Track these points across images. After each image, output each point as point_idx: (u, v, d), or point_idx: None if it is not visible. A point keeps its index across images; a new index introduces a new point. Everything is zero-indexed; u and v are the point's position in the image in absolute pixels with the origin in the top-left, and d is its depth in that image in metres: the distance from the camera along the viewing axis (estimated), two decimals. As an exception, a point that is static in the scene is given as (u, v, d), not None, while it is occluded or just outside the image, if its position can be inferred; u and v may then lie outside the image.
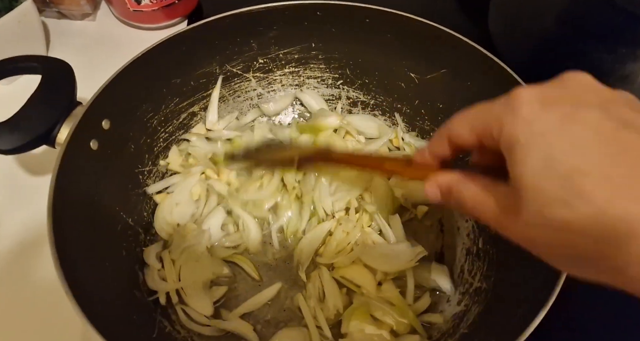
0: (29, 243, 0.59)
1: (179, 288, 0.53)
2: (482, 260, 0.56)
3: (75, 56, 0.76)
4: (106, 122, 0.53)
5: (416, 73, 0.64)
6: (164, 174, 0.64)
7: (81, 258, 0.43)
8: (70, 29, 0.80)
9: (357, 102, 0.71)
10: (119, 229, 0.55)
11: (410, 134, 0.68)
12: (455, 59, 0.59)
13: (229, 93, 0.68)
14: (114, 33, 0.80)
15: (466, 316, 0.51)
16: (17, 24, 0.66)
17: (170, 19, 0.80)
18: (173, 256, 0.54)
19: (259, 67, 0.68)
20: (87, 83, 0.51)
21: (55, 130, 0.50)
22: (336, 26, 0.64)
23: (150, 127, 0.61)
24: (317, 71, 0.69)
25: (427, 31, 0.59)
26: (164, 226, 0.58)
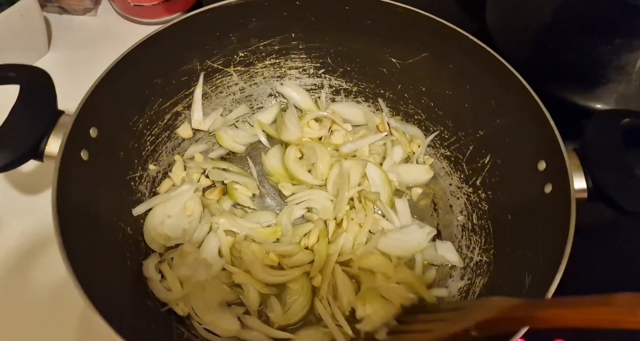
0: (26, 256, 0.57)
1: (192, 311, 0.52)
2: (478, 234, 0.59)
3: (76, 51, 0.77)
4: (94, 130, 0.51)
5: (397, 58, 0.65)
6: (155, 179, 0.62)
7: (92, 272, 0.42)
8: (72, 24, 0.80)
9: (339, 90, 0.71)
10: (120, 239, 0.53)
11: (395, 119, 0.69)
12: (436, 42, 0.61)
13: (211, 89, 0.67)
14: (115, 28, 0.80)
15: (472, 289, 0.54)
16: (19, 17, 0.66)
17: (170, 13, 0.79)
18: (177, 273, 0.53)
19: (240, 61, 0.66)
20: (88, 79, 0.50)
21: (42, 143, 0.47)
22: (315, 15, 0.63)
23: (137, 131, 0.59)
24: (298, 61, 0.69)
25: (406, 16, 0.60)
26: (154, 236, 0.57)
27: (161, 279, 0.54)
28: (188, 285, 0.52)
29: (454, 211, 0.64)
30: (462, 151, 0.64)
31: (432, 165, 0.67)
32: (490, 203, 0.60)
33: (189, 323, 0.52)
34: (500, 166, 0.59)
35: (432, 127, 0.67)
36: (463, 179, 0.64)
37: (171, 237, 0.57)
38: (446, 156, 0.67)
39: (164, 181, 0.62)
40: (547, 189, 0.50)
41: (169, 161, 0.64)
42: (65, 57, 0.76)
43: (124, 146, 0.57)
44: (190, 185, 0.59)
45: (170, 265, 0.54)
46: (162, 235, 0.56)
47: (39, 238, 0.58)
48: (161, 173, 0.63)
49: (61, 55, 0.77)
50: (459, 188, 0.65)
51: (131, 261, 0.53)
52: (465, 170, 0.64)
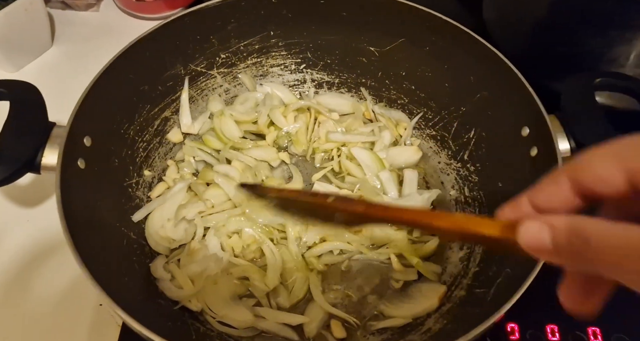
0: (28, 268, 0.57)
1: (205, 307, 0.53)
2: (472, 206, 0.62)
3: (79, 46, 0.79)
4: (87, 139, 0.51)
5: (375, 46, 0.67)
6: (151, 184, 0.62)
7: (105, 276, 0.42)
8: (75, 19, 0.82)
9: (322, 83, 0.73)
10: (125, 245, 0.53)
11: (379, 105, 0.71)
12: (410, 27, 0.63)
13: (196, 93, 0.68)
14: (118, 23, 0.82)
15: (472, 257, 0.56)
16: (23, 12, 0.68)
17: (172, 9, 0.81)
18: (186, 272, 0.54)
19: (222, 63, 0.68)
20: (91, 73, 0.51)
21: (38, 156, 0.47)
22: (292, 11, 0.65)
23: (128, 138, 0.59)
24: (279, 58, 0.70)
25: (379, 4, 0.62)
26: (157, 240, 0.57)
27: (171, 278, 0.54)
28: (199, 281, 0.53)
29: (446, 186, 0.66)
30: (447, 128, 0.67)
31: (420, 146, 0.69)
32: (480, 174, 0.62)
33: (202, 318, 0.52)
34: (485, 138, 0.61)
35: (415, 109, 0.69)
36: (451, 155, 0.66)
37: (175, 239, 0.57)
38: (432, 136, 0.69)
39: (157, 185, 0.62)
40: (532, 153, 0.53)
41: (163, 166, 0.65)
42: (68, 52, 0.78)
43: (118, 153, 0.58)
44: (183, 183, 0.59)
45: (178, 265, 0.55)
46: (165, 239, 0.57)
47: (40, 249, 0.58)
48: (156, 178, 0.63)
49: (65, 50, 0.78)
50: (447, 164, 0.67)
51: (139, 265, 0.53)
52: (452, 146, 0.66)
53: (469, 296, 0.51)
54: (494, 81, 0.58)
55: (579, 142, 0.50)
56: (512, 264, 0.48)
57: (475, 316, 0.46)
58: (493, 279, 0.49)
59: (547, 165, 0.49)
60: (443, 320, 0.50)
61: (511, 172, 0.56)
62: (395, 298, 0.55)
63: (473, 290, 0.52)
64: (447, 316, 0.51)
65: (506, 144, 0.57)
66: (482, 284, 0.50)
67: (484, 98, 0.60)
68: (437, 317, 0.51)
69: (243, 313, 0.52)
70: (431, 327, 0.50)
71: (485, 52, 0.57)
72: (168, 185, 0.62)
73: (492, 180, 0.59)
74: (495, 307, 0.41)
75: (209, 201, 0.59)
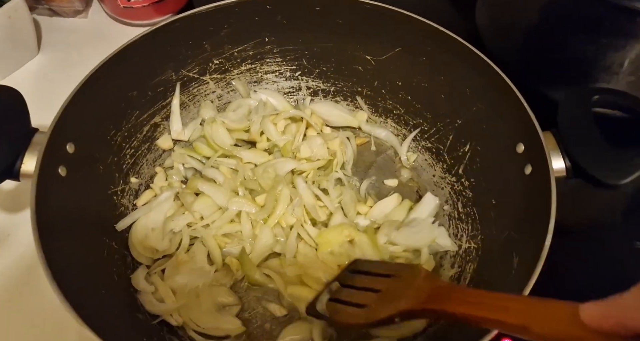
0: (16, 276, 0.56)
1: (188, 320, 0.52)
2: (465, 222, 0.60)
3: (66, 54, 0.78)
4: (70, 145, 0.50)
5: (372, 55, 0.66)
6: (137, 192, 0.61)
7: (80, 290, 0.41)
8: (62, 26, 0.80)
9: (317, 91, 0.72)
10: (106, 255, 0.52)
11: (370, 122, 0.70)
12: (408, 37, 0.61)
13: (188, 99, 0.67)
14: (106, 30, 0.81)
15: (463, 276, 0.55)
16: (7, 19, 0.66)
17: (161, 15, 0.80)
18: (170, 284, 0.53)
19: (215, 68, 0.66)
20: (79, 81, 0.50)
21: (17, 162, 0.47)
22: (287, 18, 0.64)
23: (115, 144, 0.58)
24: (274, 64, 0.69)
25: (376, 12, 0.60)
26: (141, 251, 0.56)
27: (154, 291, 0.53)
28: (182, 294, 0.51)
29: (440, 201, 0.64)
30: (442, 141, 0.65)
31: (416, 160, 0.67)
32: (474, 189, 0.60)
33: (182, 333, 0.51)
34: (480, 152, 0.60)
35: (411, 120, 0.68)
36: (446, 169, 0.65)
37: (159, 250, 0.56)
38: (427, 148, 0.67)
39: (144, 193, 0.61)
40: (527, 171, 0.51)
41: (151, 173, 0.64)
42: (55, 59, 0.77)
43: (103, 160, 0.57)
44: (169, 192, 0.58)
45: (161, 277, 0.53)
46: (148, 249, 0.56)
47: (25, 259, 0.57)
48: (143, 185, 0.62)
49: (51, 57, 0.77)
50: (442, 178, 0.65)
51: (118, 276, 0.52)
52: (447, 160, 0.64)
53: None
54: (490, 94, 0.56)
55: (574, 160, 0.48)
56: (502, 287, 0.46)
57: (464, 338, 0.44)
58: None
59: (541, 184, 0.47)
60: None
61: (505, 189, 0.55)
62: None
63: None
64: (434, 338, 0.49)
65: (501, 160, 0.55)
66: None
67: (479, 111, 0.59)
68: (423, 339, 0.50)
69: (231, 322, 0.51)
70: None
71: (482, 65, 0.55)
72: (155, 193, 0.61)
73: (487, 197, 0.57)
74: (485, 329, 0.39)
75: (197, 212, 0.58)
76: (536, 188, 0.48)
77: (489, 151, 0.58)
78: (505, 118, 0.54)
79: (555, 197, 0.44)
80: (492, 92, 0.55)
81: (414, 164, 0.67)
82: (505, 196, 0.55)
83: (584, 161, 0.46)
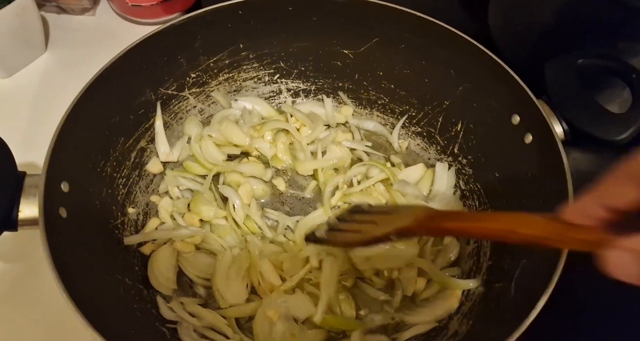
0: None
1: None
2: (471, 198, 0.61)
3: (74, 51, 0.76)
4: (64, 184, 0.47)
5: (349, 49, 0.66)
6: (137, 222, 0.58)
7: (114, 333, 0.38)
8: (70, 23, 0.80)
9: (298, 91, 0.71)
10: (123, 293, 0.49)
11: (355, 115, 0.70)
12: (383, 26, 0.62)
13: (170, 117, 0.64)
14: (114, 28, 0.80)
15: (482, 251, 0.56)
16: (15, 17, 0.66)
17: (169, 14, 0.79)
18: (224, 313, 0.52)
19: (193, 82, 0.64)
20: (86, 79, 0.49)
21: (14, 211, 0.43)
22: (260, 21, 0.62)
23: (106, 176, 0.55)
24: (252, 71, 0.67)
25: (349, 5, 0.60)
26: (162, 281, 0.54)
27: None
28: None
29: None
30: (432, 124, 0.66)
31: (408, 146, 0.68)
32: (473, 166, 0.62)
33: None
34: (473, 129, 0.61)
35: (397, 108, 0.68)
36: (440, 150, 0.66)
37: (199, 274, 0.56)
38: (418, 133, 0.68)
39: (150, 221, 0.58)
40: (527, 140, 0.53)
41: (146, 200, 0.61)
42: (63, 57, 0.75)
43: (98, 194, 0.53)
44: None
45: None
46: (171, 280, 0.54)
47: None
48: (141, 214, 0.59)
49: (59, 55, 0.75)
50: (438, 159, 0.66)
51: (140, 312, 0.49)
52: (440, 141, 0.66)
53: (488, 292, 0.51)
54: (475, 72, 0.58)
55: (570, 124, 0.50)
56: (527, 255, 0.48)
57: (502, 312, 0.46)
58: (510, 272, 0.48)
59: (545, 150, 0.49)
60: (468, 321, 0.49)
61: (506, 161, 0.57)
62: (412, 304, 0.54)
63: (491, 285, 0.51)
64: (471, 315, 0.50)
65: (497, 134, 0.57)
66: (500, 278, 0.50)
67: (467, 90, 0.60)
68: (460, 318, 0.51)
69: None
70: (457, 330, 0.49)
71: (463, 44, 0.56)
72: (161, 221, 0.58)
73: (488, 171, 0.59)
74: (523, 301, 0.41)
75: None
76: (542, 153, 0.50)
77: (483, 126, 0.60)
78: (495, 93, 0.56)
79: (565, 157, 0.46)
80: (478, 68, 0.57)
81: (406, 151, 0.68)
82: (508, 168, 0.56)
83: (582, 123, 0.49)
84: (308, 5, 0.61)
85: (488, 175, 0.59)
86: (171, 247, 0.56)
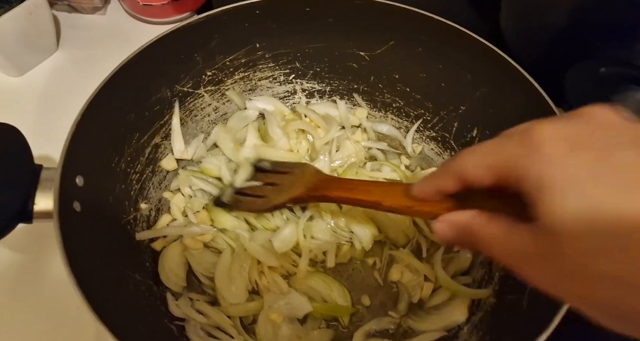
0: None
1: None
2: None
3: (85, 50, 0.78)
4: (79, 178, 0.47)
5: (365, 51, 0.66)
6: (149, 218, 0.59)
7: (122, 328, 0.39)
8: (81, 22, 0.81)
9: (313, 92, 0.71)
10: (132, 289, 0.50)
11: (369, 118, 0.70)
12: (400, 28, 0.61)
13: (185, 114, 0.64)
14: (125, 27, 0.81)
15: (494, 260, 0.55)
16: (28, 15, 0.67)
17: (180, 13, 0.79)
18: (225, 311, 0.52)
19: (209, 80, 0.64)
20: (97, 78, 0.50)
21: (29, 203, 0.43)
22: (276, 21, 0.62)
23: (120, 172, 0.55)
24: (267, 70, 0.68)
25: (366, 7, 0.60)
26: (171, 277, 0.54)
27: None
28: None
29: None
30: (447, 129, 0.65)
31: (422, 151, 0.68)
32: (488, 172, 0.61)
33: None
34: (489, 136, 0.60)
35: (412, 112, 0.68)
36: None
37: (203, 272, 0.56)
38: (432, 137, 0.68)
39: (162, 218, 0.59)
40: (544, 148, 0.52)
41: (158, 196, 0.61)
42: (74, 56, 0.76)
43: (112, 190, 0.54)
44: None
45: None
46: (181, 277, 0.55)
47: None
48: (154, 210, 0.60)
49: (70, 54, 0.76)
50: (452, 165, 0.65)
51: (149, 308, 0.50)
52: (455, 147, 0.65)
53: (500, 303, 0.50)
54: (493, 77, 0.57)
55: (589, 133, 0.49)
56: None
57: (514, 325, 0.45)
58: (523, 284, 0.47)
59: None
60: (478, 332, 0.49)
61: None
62: (420, 310, 0.54)
63: (504, 296, 0.50)
64: (482, 326, 0.49)
65: (513, 141, 0.56)
66: (512, 289, 0.49)
67: (484, 96, 0.59)
68: (470, 329, 0.50)
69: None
70: (467, 340, 0.48)
71: (481, 48, 0.56)
72: (173, 217, 0.58)
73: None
74: (538, 315, 0.40)
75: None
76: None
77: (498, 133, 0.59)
78: (513, 99, 0.55)
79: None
80: (496, 73, 0.56)
81: (420, 155, 0.68)
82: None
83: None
84: (325, 7, 0.61)
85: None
86: (182, 244, 0.56)
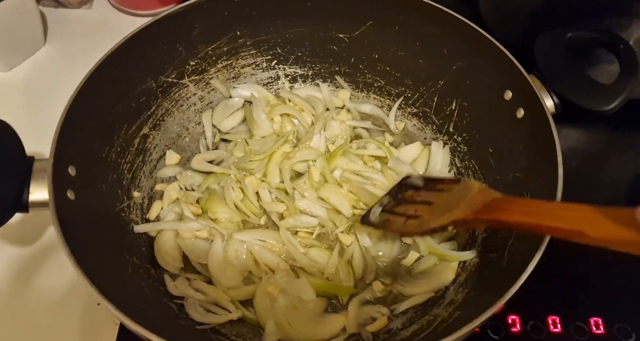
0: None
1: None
2: (466, 175, 0.63)
3: (72, 44, 0.79)
4: (72, 168, 0.49)
5: (344, 33, 0.67)
6: (142, 205, 0.60)
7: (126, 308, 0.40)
8: (67, 17, 0.82)
9: (296, 77, 0.72)
10: (130, 272, 0.51)
11: (352, 99, 0.72)
12: (376, 9, 0.63)
13: (171, 105, 0.66)
14: (111, 20, 0.82)
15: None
16: (14, 10, 0.67)
17: (165, 5, 0.80)
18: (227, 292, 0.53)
19: (193, 70, 0.66)
20: (85, 72, 0.51)
21: (24, 194, 0.45)
22: (256, 8, 0.64)
23: (111, 161, 0.57)
24: (249, 57, 0.69)
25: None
26: (169, 260, 0.56)
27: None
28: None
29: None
30: (428, 104, 0.67)
31: (405, 127, 0.70)
32: (468, 143, 0.63)
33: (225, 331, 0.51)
34: (467, 107, 0.62)
35: (393, 90, 0.70)
36: (436, 129, 0.67)
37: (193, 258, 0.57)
38: (414, 113, 0.69)
39: (154, 205, 0.60)
40: (518, 114, 0.54)
41: (150, 184, 0.63)
42: (61, 50, 0.77)
43: (104, 179, 0.55)
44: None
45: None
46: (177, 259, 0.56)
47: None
48: (146, 198, 0.61)
49: (57, 48, 0.78)
50: (434, 138, 0.68)
51: (149, 289, 0.51)
52: (436, 121, 0.67)
53: (483, 262, 0.53)
54: (468, 50, 0.59)
55: (560, 97, 0.51)
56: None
57: (495, 280, 0.47)
58: (504, 241, 0.50)
59: (537, 124, 0.50)
60: (464, 290, 0.51)
61: (499, 136, 0.58)
62: (409, 276, 0.56)
63: (486, 255, 0.53)
64: (466, 284, 0.52)
65: (490, 110, 0.58)
66: (493, 248, 0.51)
67: (460, 69, 0.61)
68: (457, 288, 0.52)
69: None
70: (453, 298, 0.51)
71: (455, 23, 0.57)
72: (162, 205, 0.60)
73: (482, 147, 0.60)
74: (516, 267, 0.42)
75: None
76: (533, 127, 0.51)
77: (476, 104, 0.61)
78: (488, 70, 0.57)
79: (555, 129, 0.47)
80: (470, 47, 0.58)
81: (403, 131, 0.70)
82: (501, 143, 0.58)
83: (571, 95, 0.50)
84: (302, -10, 0.62)
85: (483, 151, 0.60)
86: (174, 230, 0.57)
